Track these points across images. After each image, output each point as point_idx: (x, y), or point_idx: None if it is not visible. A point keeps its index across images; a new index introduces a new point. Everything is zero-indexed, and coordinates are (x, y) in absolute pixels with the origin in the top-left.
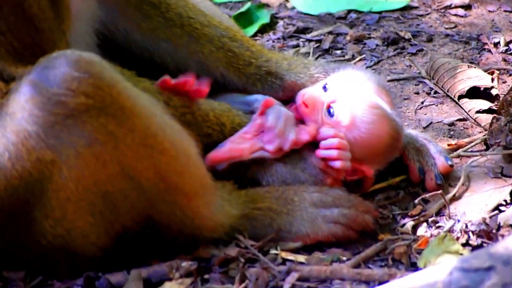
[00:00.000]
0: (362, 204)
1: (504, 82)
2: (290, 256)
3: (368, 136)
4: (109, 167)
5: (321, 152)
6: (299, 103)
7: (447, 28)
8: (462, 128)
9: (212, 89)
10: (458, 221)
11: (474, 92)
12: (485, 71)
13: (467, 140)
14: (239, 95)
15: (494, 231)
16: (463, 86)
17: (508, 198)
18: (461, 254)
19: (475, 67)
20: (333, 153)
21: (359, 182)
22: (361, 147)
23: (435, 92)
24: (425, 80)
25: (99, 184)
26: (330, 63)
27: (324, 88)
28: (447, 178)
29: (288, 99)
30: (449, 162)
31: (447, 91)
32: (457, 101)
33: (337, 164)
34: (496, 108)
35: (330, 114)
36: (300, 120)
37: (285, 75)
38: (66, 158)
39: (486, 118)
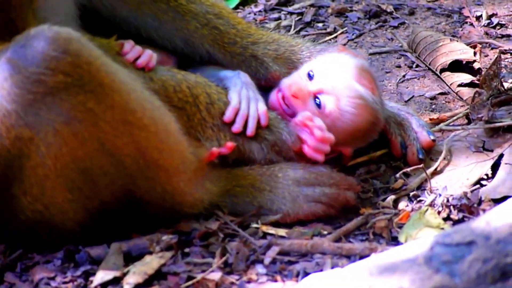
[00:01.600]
0: (345, 181)
1: (486, 56)
2: (271, 230)
3: (350, 126)
4: (88, 144)
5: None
6: (288, 95)
7: (429, 1)
8: (444, 102)
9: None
10: (440, 195)
11: (456, 66)
12: (467, 45)
13: (449, 114)
14: (214, 69)
15: (475, 205)
16: (445, 59)
17: (489, 172)
18: (442, 228)
19: (457, 41)
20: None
21: (338, 158)
22: (343, 134)
23: (417, 66)
24: (407, 54)
25: (77, 160)
26: (316, 45)
27: (309, 75)
28: (429, 152)
29: (268, 87)
30: (431, 137)
31: (429, 64)
32: (438, 74)
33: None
34: (478, 82)
35: (317, 105)
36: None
37: (271, 66)
38: (44, 136)
39: (468, 92)
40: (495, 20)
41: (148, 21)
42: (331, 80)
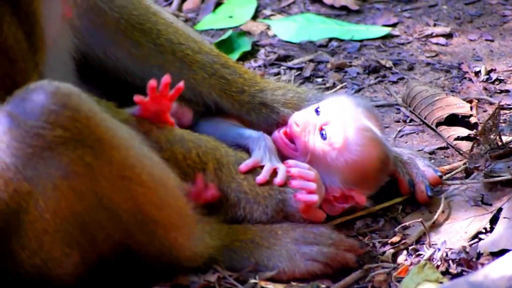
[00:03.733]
0: (345, 242)
1: (485, 111)
2: (269, 285)
3: (359, 159)
4: (86, 199)
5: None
6: (290, 123)
7: (428, 57)
8: (442, 156)
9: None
10: (439, 249)
11: (453, 120)
12: (464, 100)
13: (447, 167)
14: (235, 125)
15: (474, 259)
16: (441, 113)
17: (488, 226)
18: (441, 282)
19: (453, 95)
20: (312, 185)
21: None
22: (352, 170)
23: (411, 120)
24: (403, 109)
25: (76, 215)
26: (322, 93)
27: (316, 111)
28: (428, 205)
29: None
30: (438, 173)
31: (424, 118)
32: (435, 128)
33: (314, 197)
34: (475, 136)
35: (323, 137)
36: (290, 141)
37: (281, 110)
38: (43, 190)
39: (466, 146)
40: (494, 76)
41: (154, 72)
42: (338, 114)
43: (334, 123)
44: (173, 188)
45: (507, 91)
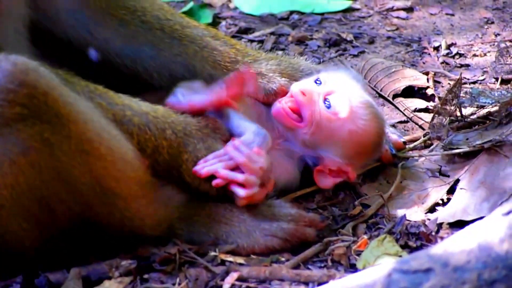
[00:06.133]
0: (304, 217)
1: (443, 86)
2: (229, 258)
3: (362, 131)
4: (44, 173)
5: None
6: (296, 92)
7: (388, 31)
8: (403, 130)
9: None
10: (398, 223)
11: (409, 92)
12: (421, 73)
13: (407, 138)
14: (237, 115)
15: (433, 233)
16: (398, 85)
17: (445, 197)
18: (400, 256)
19: (409, 68)
20: (239, 177)
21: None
22: (353, 142)
23: (371, 94)
24: None
25: (34, 189)
26: (316, 64)
27: (317, 82)
28: (385, 176)
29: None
30: (402, 139)
31: (380, 90)
32: (391, 100)
33: (241, 192)
34: (433, 108)
35: (327, 106)
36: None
37: (278, 80)
38: (0, 166)
39: (424, 117)
40: (454, 50)
41: (145, 50)
42: (341, 84)
43: (339, 92)
44: (131, 160)
45: (467, 65)
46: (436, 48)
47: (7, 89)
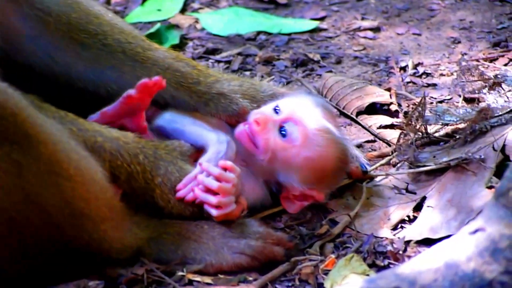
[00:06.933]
0: (272, 236)
1: (405, 100)
2: (197, 278)
3: (318, 158)
4: (13, 195)
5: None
6: (251, 121)
7: (356, 50)
8: (370, 150)
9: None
10: (366, 242)
11: (373, 109)
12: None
13: (374, 153)
14: (198, 126)
15: (400, 251)
16: (361, 102)
17: (411, 214)
18: (368, 275)
19: (370, 85)
20: (212, 199)
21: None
22: (311, 169)
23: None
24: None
25: (2, 211)
26: (278, 87)
27: (275, 110)
28: (353, 193)
29: (236, 124)
30: (365, 169)
31: (343, 108)
32: (355, 118)
33: (214, 213)
34: (398, 124)
35: (283, 134)
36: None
37: (240, 100)
38: None
39: (390, 134)
40: (421, 69)
41: (107, 74)
42: (298, 112)
43: (294, 121)
44: (100, 181)
45: (434, 84)
46: (403, 68)
47: None
